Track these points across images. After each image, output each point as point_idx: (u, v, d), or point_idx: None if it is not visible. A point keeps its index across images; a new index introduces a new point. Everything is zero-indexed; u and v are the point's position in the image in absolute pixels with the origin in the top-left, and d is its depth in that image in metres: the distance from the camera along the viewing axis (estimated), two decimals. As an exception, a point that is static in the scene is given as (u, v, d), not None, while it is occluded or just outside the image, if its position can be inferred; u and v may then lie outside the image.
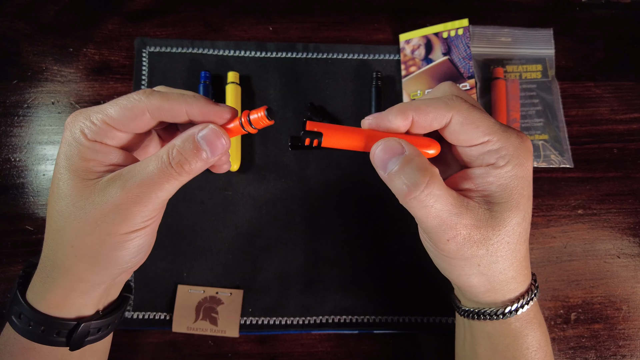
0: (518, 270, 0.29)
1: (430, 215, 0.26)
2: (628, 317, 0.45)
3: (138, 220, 0.26)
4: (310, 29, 0.51)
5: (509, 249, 0.28)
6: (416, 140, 0.27)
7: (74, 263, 0.27)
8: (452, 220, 0.26)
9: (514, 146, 0.27)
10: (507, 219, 0.27)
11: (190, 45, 0.49)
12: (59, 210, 0.27)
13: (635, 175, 0.48)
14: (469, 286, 0.30)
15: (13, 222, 0.45)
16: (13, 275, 0.44)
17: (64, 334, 0.29)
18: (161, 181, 0.25)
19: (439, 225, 0.26)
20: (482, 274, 0.28)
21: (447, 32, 0.49)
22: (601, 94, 0.50)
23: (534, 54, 0.50)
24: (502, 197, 0.27)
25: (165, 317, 0.43)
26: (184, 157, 0.25)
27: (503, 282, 0.29)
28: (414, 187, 0.25)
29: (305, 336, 0.44)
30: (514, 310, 0.30)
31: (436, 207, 0.26)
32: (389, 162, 0.26)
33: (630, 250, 0.46)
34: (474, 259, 0.28)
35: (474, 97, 0.47)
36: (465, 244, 0.27)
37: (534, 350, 0.31)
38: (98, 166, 0.26)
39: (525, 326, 0.31)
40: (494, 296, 0.30)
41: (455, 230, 0.26)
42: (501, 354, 0.31)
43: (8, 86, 0.48)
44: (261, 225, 0.46)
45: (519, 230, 0.28)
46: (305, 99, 0.48)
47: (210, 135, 0.26)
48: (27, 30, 0.49)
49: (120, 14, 0.50)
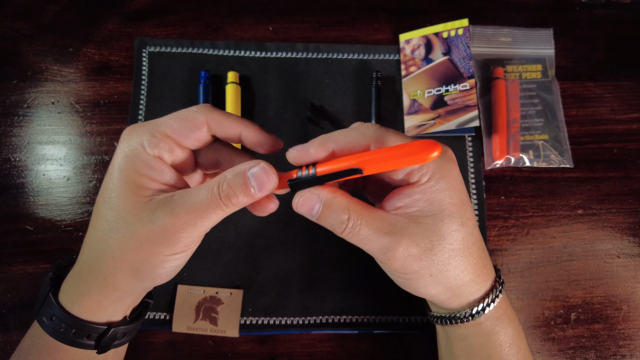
0: (475, 272, 0.30)
1: (364, 242, 0.28)
2: (628, 317, 0.45)
3: (181, 245, 0.27)
4: (310, 29, 0.51)
5: (457, 255, 0.29)
6: (415, 146, 0.26)
7: (112, 273, 0.28)
8: (384, 241, 0.28)
9: (434, 160, 0.28)
10: (443, 228, 0.28)
11: (190, 45, 0.49)
12: (107, 219, 0.27)
13: (635, 175, 0.48)
14: (430, 296, 0.31)
15: (13, 222, 0.45)
16: (13, 275, 0.44)
17: (93, 338, 0.29)
18: (209, 210, 0.26)
19: (377, 249, 0.28)
20: (438, 282, 0.29)
21: (447, 32, 0.49)
22: (601, 94, 0.50)
23: (534, 54, 0.50)
24: (431, 210, 0.28)
25: (165, 317, 0.43)
26: (233, 191, 0.26)
27: (462, 287, 0.30)
28: (340, 225, 0.28)
29: (305, 336, 0.44)
30: (480, 310, 0.31)
31: (364, 234, 0.28)
32: (312, 210, 0.29)
33: (630, 250, 0.46)
34: (423, 270, 0.29)
35: (474, 97, 0.47)
36: (407, 259, 0.28)
37: (508, 346, 0.32)
38: (152, 183, 0.27)
39: (496, 323, 0.31)
40: (458, 301, 0.31)
41: (392, 249, 0.28)
42: (476, 353, 0.32)
43: (8, 86, 0.48)
44: (261, 225, 0.46)
45: (460, 236, 0.29)
46: (305, 99, 0.48)
47: (260, 173, 0.27)
48: (27, 30, 0.49)
49: (120, 13, 0.50)
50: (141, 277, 0.28)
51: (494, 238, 0.46)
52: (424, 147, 0.25)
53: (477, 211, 0.46)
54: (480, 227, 0.46)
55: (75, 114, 0.48)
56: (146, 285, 0.29)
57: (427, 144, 0.25)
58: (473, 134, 0.48)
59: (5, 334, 0.43)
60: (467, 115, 0.47)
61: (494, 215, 0.47)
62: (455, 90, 0.48)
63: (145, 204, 0.26)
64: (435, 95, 0.48)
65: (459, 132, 0.48)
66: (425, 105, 0.48)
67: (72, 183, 0.46)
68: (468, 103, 0.47)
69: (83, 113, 0.48)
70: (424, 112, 0.48)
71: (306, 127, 0.48)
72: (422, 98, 0.48)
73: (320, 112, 0.48)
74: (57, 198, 0.46)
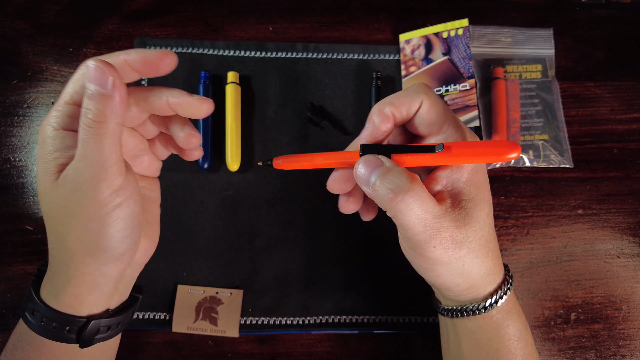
0: (494, 262, 0.30)
1: (416, 220, 0.27)
2: (628, 317, 0.45)
3: (107, 173, 0.25)
4: (310, 29, 0.51)
5: (484, 243, 0.29)
6: (493, 145, 0.27)
7: (70, 257, 0.27)
8: (436, 224, 0.27)
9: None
10: (479, 212, 0.28)
11: (190, 45, 0.49)
12: (44, 210, 0.27)
13: (635, 175, 0.48)
14: (454, 286, 0.30)
15: (13, 222, 0.45)
16: (13, 275, 0.44)
17: (74, 331, 0.29)
18: (87, 139, 0.25)
19: (424, 231, 0.27)
20: (466, 272, 0.29)
21: (447, 32, 0.49)
22: (601, 94, 0.50)
23: (534, 54, 0.51)
24: (470, 192, 0.28)
25: (165, 317, 0.43)
26: (87, 108, 0.25)
27: (483, 277, 0.30)
28: (399, 190, 0.26)
29: (305, 336, 0.44)
30: (494, 302, 0.30)
31: (421, 210, 0.26)
32: (370, 175, 0.27)
33: (630, 250, 0.46)
34: (458, 260, 0.28)
35: (474, 97, 0.47)
36: (449, 247, 0.27)
37: (516, 340, 0.32)
38: (63, 158, 0.26)
39: (506, 317, 0.31)
40: (476, 292, 0.31)
41: (440, 235, 0.27)
42: (484, 347, 0.32)
43: (8, 86, 0.48)
44: (261, 225, 0.46)
45: (488, 222, 0.29)
46: (305, 99, 0.48)
47: (92, 72, 0.24)
48: (27, 30, 0.49)
49: (120, 13, 0.50)
50: (93, 251, 0.27)
51: (494, 238, 0.46)
52: (506, 147, 0.26)
53: (477, 211, 0.46)
54: (480, 227, 0.46)
55: (75, 114, 0.48)
56: (105, 258, 0.28)
57: (509, 144, 0.25)
58: (473, 134, 0.48)
59: (5, 334, 0.43)
60: (467, 115, 0.47)
61: (494, 215, 0.47)
62: (455, 90, 0.48)
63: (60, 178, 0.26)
64: (435, 95, 0.48)
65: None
66: (425, 105, 0.48)
67: (72, 183, 0.46)
68: (468, 103, 0.47)
69: (83, 113, 0.48)
70: (424, 112, 0.48)
71: (306, 127, 0.48)
72: (422, 98, 0.48)
73: (320, 112, 0.48)
74: (57, 198, 0.46)
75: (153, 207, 0.34)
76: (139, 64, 0.27)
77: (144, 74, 0.28)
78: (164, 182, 0.46)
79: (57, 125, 0.26)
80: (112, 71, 0.24)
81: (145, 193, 0.34)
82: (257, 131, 0.48)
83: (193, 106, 0.28)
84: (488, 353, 0.32)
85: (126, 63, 0.27)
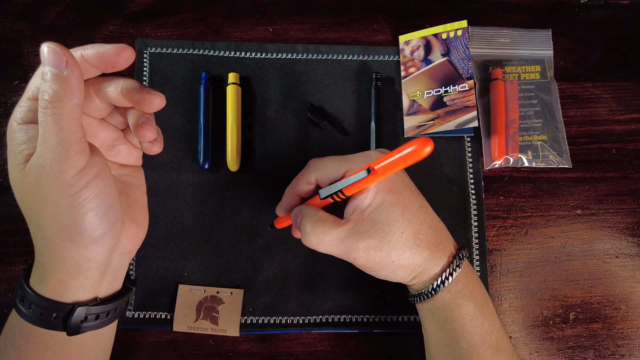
0: (430, 250, 0.34)
1: (329, 246, 0.33)
2: (627, 317, 0.45)
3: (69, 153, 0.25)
4: (310, 30, 0.51)
5: (409, 236, 0.33)
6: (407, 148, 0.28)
7: (50, 243, 0.28)
8: (345, 243, 0.32)
9: None
10: (389, 216, 0.32)
11: (191, 46, 0.49)
12: (19, 204, 0.28)
13: (634, 176, 0.48)
14: (399, 279, 0.35)
15: (14, 221, 0.45)
16: (14, 274, 0.44)
17: (60, 318, 0.29)
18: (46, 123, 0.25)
19: (340, 252, 0.33)
20: (400, 265, 0.33)
21: (446, 33, 0.49)
22: (600, 95, 0.50)
23: (532, 55, 0.51)
24: (375, 202, 0.33)
25: (166, 316, 0.43)
26: (44, 90, 0.25)
27: (421, 265, 0.34)
28: (307, 234, 0.33)
29: (305, 335, 0.44)
30: (440, 284, 0.34)
31: (328, 240, 0.32)
32: (297, 222, 0.35)
33: (629, 250, 0.47)
34: (385, 259, 0.33)
35: (473, 98, 0.47)
36: (369, 254, 0.32)
37: (470, 319, 0.34)
38: (29, 149, 0.26)
39: (457, 297, 0.34)
40: (422, 278, 0.34)
41: (354, 248, 0.32)
42: (443, 327, 0.35)
43: (9, 87, 0.48)
44: (261, 225, 0.46)
45: (406, 220, 0.33)
46: (305, 100, 0.49)
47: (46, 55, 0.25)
48: (28, 31, 0.50)
49: (121, 14, 0.51)
50: (70, 234, 0.27)
51: (492, 238, 0.46)
52: (421, 144, 0.27)
53: (475, 211, 0.47)
54: (479, 227, 0.46)
55: (76, 115, 0.48)
56: (81, 242, 0.28)
57: (423, 141, 0.27)
58: (472, 135, 0.48)
59: (6, 333, 0.43)
60: (466, 116, 0.47)
61: (493, 215, 0.47)
62: (455, 91, 0.48)
63: (26, 167, 0.26)
64: (434, 96, 0.49)
65: (458, 132, 0.48)
66: (424, 106, 0.49)
67: (73, 183, 0.46)
68: (467, 104, 0.47)
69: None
70: (423, 112, 0.48)
71: (306, 128, 0.48)
72: (422, 99, 0.49)
73: (320, 113, 0.48)
74: (58, 198, 0.46)
75: (138, 193, 0.34)
76: (95, 59, 0.27)
77: (102, 69, 0.28)
78: (164, 182, 0.46)
79: (20, 120, 0.27)
80: (66, 52, 0.25)
81: (128, 180, 0.34)
82: (257, 132, 0.48)
83: (142, 98, 0.28)
84: (446, 332, 0.35)
85: (83, 59, 0.27)
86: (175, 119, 0.48)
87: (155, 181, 0.46)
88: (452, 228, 0.46)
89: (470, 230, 0.46)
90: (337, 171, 0.34)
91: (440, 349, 0.36)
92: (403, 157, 0.28)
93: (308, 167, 0.36)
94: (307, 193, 0.37)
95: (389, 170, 0.29)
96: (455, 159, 0.48)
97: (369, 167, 0.30)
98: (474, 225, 0.46)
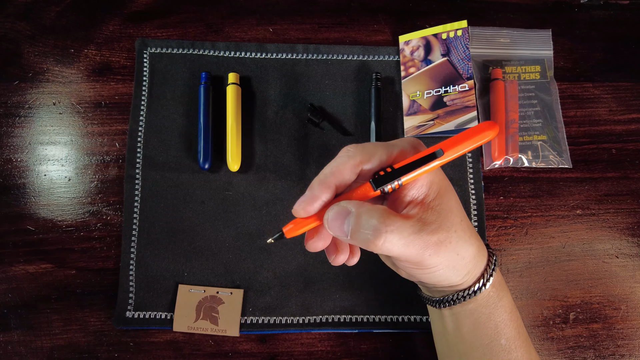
0: (477, 239, 0.32)
1: (403, 248, 0.27)
2: (627, 317, 0.45)
3: None
4: (310, 30, 0.51)
5: (466, 225, 0.30)
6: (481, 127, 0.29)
7: None
8: (419, 239, 0.27)
9: None
10: (448, 202, 0.30)
11: (191, 46, 0.49)
12: None
13: (634, 176, 0.48)
14: (455, 277, 0.31)
15: (14, 222, 0.45)
16: (14, 274, 0.44)
17: None
18: None
19: (414, 252, 0.28)
20: (461, 259, 0.30)
21: (446, 33, 0.49)
22: (599, 95, 0.50)
23: (532, 55, 0.51)
24: (432, 190, 0.29)
25: (166, 316, 0.43)
26: None
27: (475, 257, 0.31)
28: (377, 233, 0.26)
29: (305, 335, 0.44)
30: (489, 276, 0.32)
31: (403, 238, 0.27)
32: (343, 226, 0.27)
33: (629, 250, 0.47)
34: (452, 252, 0.29)
35: (473, 98, 0.47)
36: (440, 249, 0.28)
37: (510, 311, 0.33)
38: None
39: (499, 289, 0.33)
40: (473, 272, 0.31)
41: (427, 245, 0.28)
42: (484, 325, 0.32)
43: (9, 87, 0.48)
44: (261, 225, 0.46)
45: (459, 205, 0.31)
46: (305, 100, 0.49)
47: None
48: (28, 31, 0.50)
49: (121, 14, 0.51)
50: None
51: (492, 238, 0.46)
52: (487, 127, 0.28)
53: (475, 211, 0.47)
54: (479, 227, 0.46)
55: (76, 115, 0.48)
56: None
57: (489, 124, 0.28)
58: (472, 135, 0.48)
59: (6, 333, 0.43)
60: (466, 116, 0.47)
61: (493, 215, 0.47)
62: (454, 91, 0.48)
63: None
64: (434, 96, 0.49)
65: (458, 132, 0.48)
66: (424, 106, 0.49)
67: (73, 183, 0.46)
68: (467, 104, 0.47)
69: (84, 114, 0.48)
70: (423, 112, 0.48)
71: (306, 128, 0.48)
72: (422, 99, 0.49)
73: (320, 113, 0.48)
74: (58, 198, 0.46)
75: None
76: None
77: None
78: (164, 182, 0.46)
79: None
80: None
81: None
82: (257, 132, 0.48)
83: None
84: (487, 330, 0.32)
85: None
86: (175, 119, 0.48)
87: (155, 181, 0.46)
88: (452, 228, 0.46)
89: (470, 230, 0.46)
90: (388, 156, 0.29)
91: (476, 352, 0.33)
92: (473, 139, 0.28)
93: (351, 152, 0.29)
94: (347, 184, 0.29)
95: (457, 153, 0.28)
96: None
97: (439, 148, 0.28)
98: (473, 225, 0.46)
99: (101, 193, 0.46)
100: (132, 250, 0.44)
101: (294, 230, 0.30)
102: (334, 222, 0.27)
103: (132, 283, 0.44)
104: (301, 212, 0.28)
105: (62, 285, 0.44)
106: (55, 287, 0.44)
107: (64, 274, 0.44)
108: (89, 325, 0.43)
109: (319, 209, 0.28)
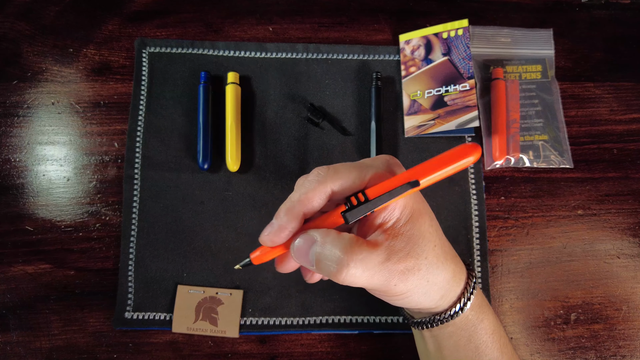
0: (454, 262, 0.31)
1: (368, 279, 0.27)
2: (628, 318, 0.45)
3: None
4: (310, 30, 0.51)
5: (440, 251, 0.29)
6: (460, 150, 0.26)
7: None
8: (385, 269, 0.27)
9: None
10: (420, 227, 0.28)
11: (190, 45, 0.49)
12: None
13: (635, 176, 0.48)
14: (429, 302, 0.30)
15: (13, 222, 0.45)
16: (14, 275, 0.44)
17: None
18: None
19: (379, 282, 0.27)
20: (433, 285, 0.29)
21: (447, 32, 0.49)
22: (601, 95, 0.50)
23: (533, 55, 0.51)
24: (403, 214, 0.28)
25: (165, 317, 0.43)
26: None
27: (450, 281, 0.30)
28: (340, 266, 0.26)
29: (305, 336, 0.44)
30: (466, 301, 0.31)
31: (367, 269, 0.26)
32: (308, 256, 0.27)
33: (630, 250, 0.46)
34: (422, 280, 0.28)
35: (473, 97, 0.47)
36: (408, 277, 0.28)
37: (491, 333, 0.32)
38: None
39: (479, 312, 0.32)
40: (449, 296, 0.31)
41: (393, 273, 0.27)
42: (464, 347, 0.32)
43: (8, 86, 0.48)
44: (261, 225, 0.45)
45: (434, 229, 0.29)
46: (305, 100, 0.49)
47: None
48: (27, 31, 0.50)
49: (121, 14, 0.51)
50: None
51: (493, 238, 0.46)
52: (468, 150, 0.26)
53: (476, 212, 0.46)
54: (480, 227, 0.46)
55: (75, 115, 0.48)
56: None
57: (471, 147, 0.25)
58: (473, 135, 0.48)
59: (5, 334, 0.43)
60: (467, 116, 0.47)
61: (494, 215, 0.47)
62: (455, 91, 0.48)
63: None
64: (435, 96, 0.48)
65: (459, 132, 0.48)
66: (425, 106, 0.48)
67: (72, 184, 0.46)
68: (468, 103, 0.47)
69: (83, 113, 0.48)
70: (423, 112, 0.48)
71: (306, 128, 0.48)
72: (422, 98, 0.49)
73: (320, 113, 0.48)
74: (57, 198, 0.46)
75: None
76: None
77: None
78: (164, 182, 0.46)
79: None
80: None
81: None
82: (257, 131, 0.48)
83: None
84: (467, 352, 0.32)
85: None
86: (174, 118, 0.47)
87: (155, 181, 0.46)
88: (453, 228, 0.46)
89: (471, 230, 0.46)
90: (361, 179, 0.28)
91: None
92: (453, 166, 0.26)
93: (321, 177, 0.28)
94: (316, 211, 0.28)
95: (433, 181, 0.26)
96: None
97: (415, 179, 0.26)
98: (474, 226, 0.46)
99: (100, 193, 0.46)
100: (131, 251, 0.44)
101: (262, 258, 0.29)
102: (299, 251, 0.27)
103: (131, 284, 0.44)
104: (268, 243, 0.28)
105: (61, 285, 0.44)
106: (54, 288, 0.44)
107: (63, 274, 0.44)
108: (88, 325, 0.43)
109: (286, 239, 0.28)
